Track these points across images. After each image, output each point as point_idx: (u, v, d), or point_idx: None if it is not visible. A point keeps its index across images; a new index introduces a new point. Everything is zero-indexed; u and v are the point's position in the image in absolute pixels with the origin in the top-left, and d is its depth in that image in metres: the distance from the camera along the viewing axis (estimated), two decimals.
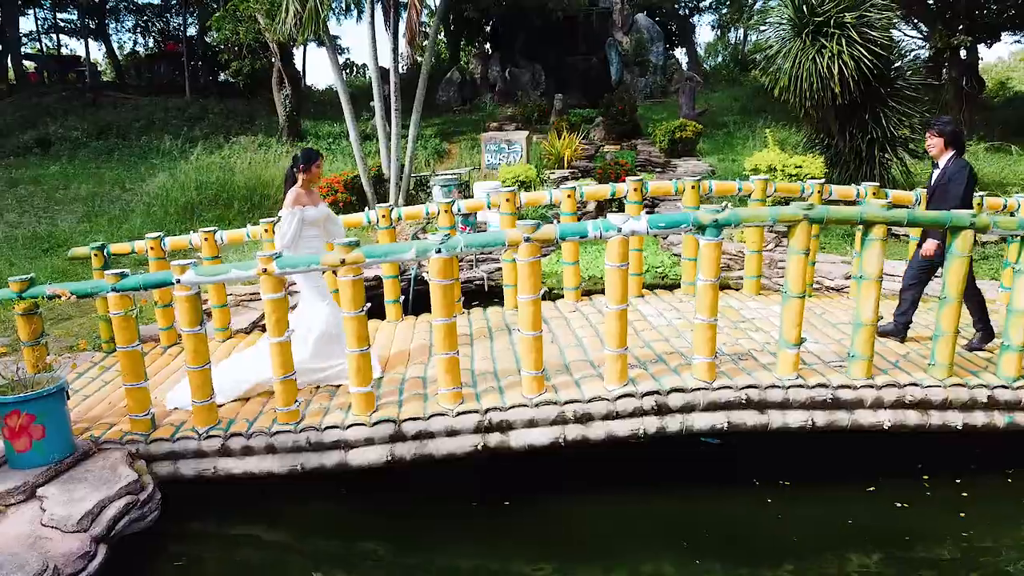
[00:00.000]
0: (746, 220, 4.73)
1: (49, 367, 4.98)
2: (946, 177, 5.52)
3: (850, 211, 4.82)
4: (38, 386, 4.62)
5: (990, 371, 5.19)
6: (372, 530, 4.78)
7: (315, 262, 4.86)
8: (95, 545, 4.13)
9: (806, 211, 4.67)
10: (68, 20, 29.00)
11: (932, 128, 5.67)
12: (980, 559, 4.38)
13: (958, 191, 5.34)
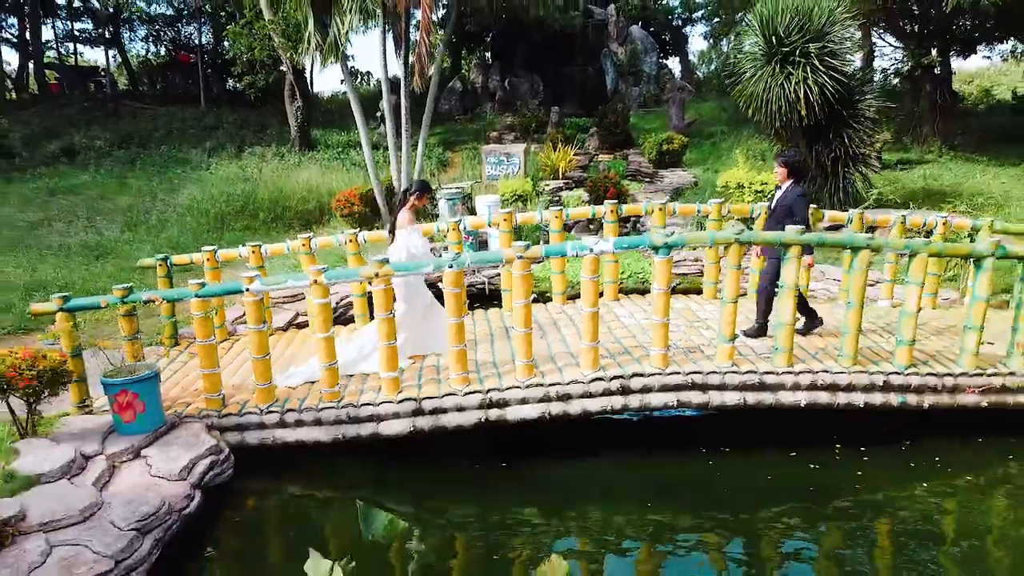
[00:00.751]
0: (691, 242, 6.11)
1: (144, 357, 6.36)
2: (786, 200, 6.82)
3: (771, 235, 6.19)
4: (139, 371, 6.00)
5: (888, 361, 6.56)
6: (399, 487, 6.15)
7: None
8: (193, 490, 5.51)
9: (737, 235, 6.04)
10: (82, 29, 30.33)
11: (778, 158, 6.99)
12: (871, 508, 5.75)
13: (797, 212, 6.65)
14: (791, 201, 6.77)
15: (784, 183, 6.90)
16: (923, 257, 6.25)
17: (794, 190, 6.82)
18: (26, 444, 5.71)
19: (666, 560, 5.21)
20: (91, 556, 4.60)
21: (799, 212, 6.67)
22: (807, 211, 6.80)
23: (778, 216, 6.83)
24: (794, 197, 6.77)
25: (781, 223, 6.62)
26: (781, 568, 5.12)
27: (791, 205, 6.74)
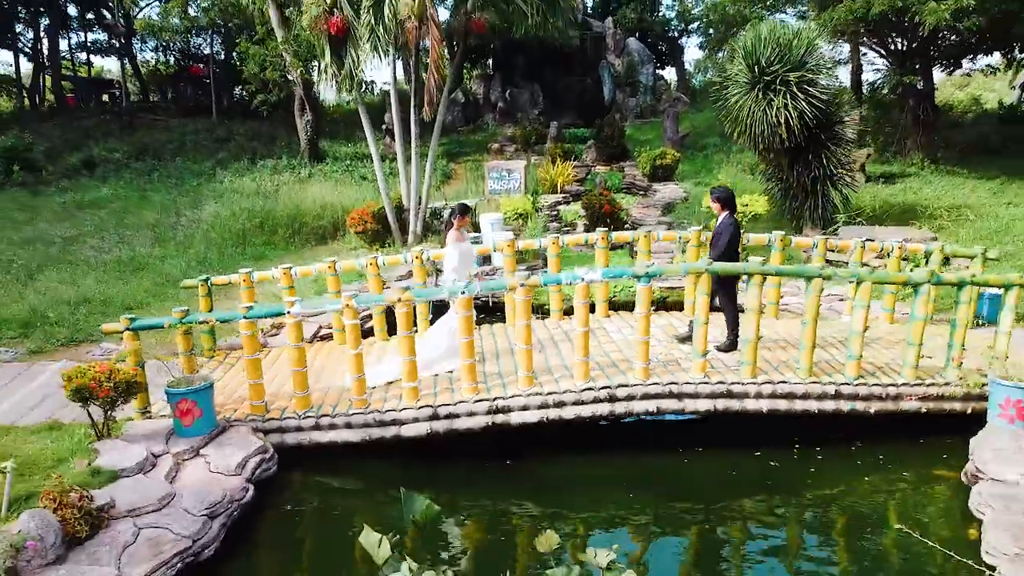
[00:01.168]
0: (666, 272, 7.18)
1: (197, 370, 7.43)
2: (720, 228, 7.94)
3: (736, 266, 7.26)
4: (197, 383, 7.07)
5: (840, 372, 7.63)
6: (417, 482, 7.21)
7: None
8: (247, 483, 6.59)
9: (707, 266, 7.12)
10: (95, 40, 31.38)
11: (711, 194, 8.16)
12: (824, 499, 6.83)
13: (725, 241, 7.78)
14: (722, 229, 7.97)
15: (720, 214, 8.04)
16: (867, 284, 7.32)
17: (725, 220, 8.00)
18: (104, 445, 6.79)
19: (645, 539, 6.28)
20: (172, 536, 5.67)
21: (732, 241, 7.85)
22: (737, 239, 8.00)
23: (713, 243, 8.05)
24: (724, 226, 7.95)
25: (715, 251, 7.89)
26: (743, 547, 6.20)
27: (721, 234, 7.93)
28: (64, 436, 7.13)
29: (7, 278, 12.18)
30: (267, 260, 13.48)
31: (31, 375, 8.99)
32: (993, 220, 15.86)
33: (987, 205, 17.42)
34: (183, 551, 5.58)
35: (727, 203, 8.01)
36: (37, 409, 8.02)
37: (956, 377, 7.59)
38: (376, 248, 13.69)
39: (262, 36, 20.12)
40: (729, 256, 7.73)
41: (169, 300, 11.32)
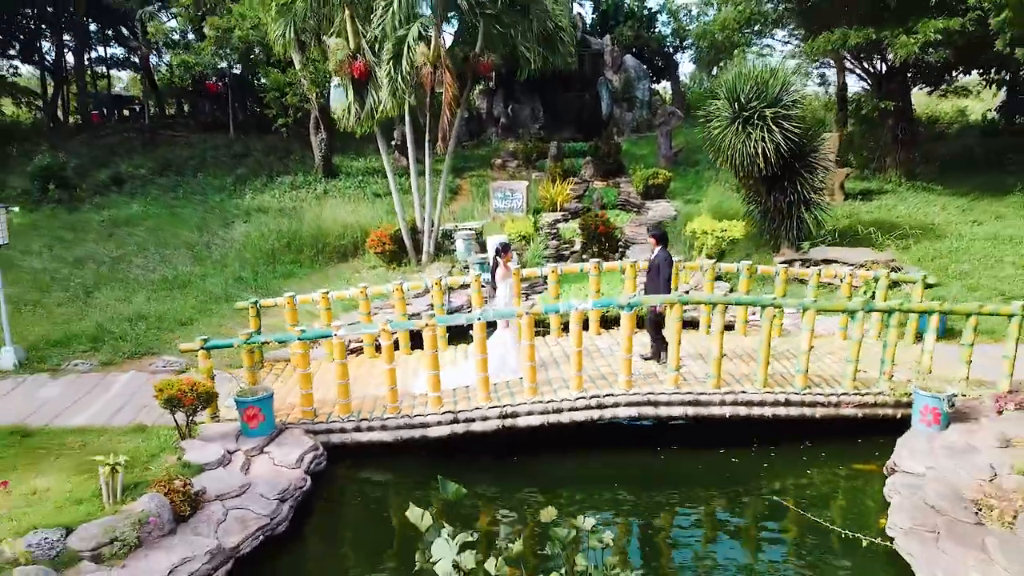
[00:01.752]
0: (644, 302, 8.82)
1: (259, 381, 9.08)
2: (655, 261, 9.59)
3: (703, 296, 8.90)
4: (260, 393, 8.71)
5: (790, 383, 9.28)
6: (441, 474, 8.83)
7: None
8: (305, 475, 8.23)
9: (679, 297, 8.76)
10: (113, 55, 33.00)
11: (648, 232, 9.90)
12: (775, 489, 8.46)
13: (662, 275, 9.44)
14: (658, 262, 9.67)
15: (655, 248, 9.74)
16: (811, 312, 8.96)
17: (660, 254, 9.71)
18: (188, 444, 8.44)
19: (627, 521, 7.93)
20: (253, 515, 7.32)
21: (663, 271, 9.55)
22: (669, 270, 9.68)
23: (650, 273, 9.72)
24: (660, 259, 9.67)
25: (651, 282, 9.63)
26: (705, 527, 7.85)
27: (658, 265, 9.62)
28: (151, 436, 8.77)
29: (67, 296, 13.82)
30: (295, 278, 15.12)
31: (107, 384, 10.62)
32: (956, 239, 17.42)
33: (954, 223, 19.02)
34: (263, 527, 7.24)
35: (661, 240, 9.80)
36: (120, 413, 9.65)
37: (887, 388, 9.24)
38: (393, 267, 15.32)
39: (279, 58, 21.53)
40: (665, 286, 9.42)
41: (214, 316, 12.96)
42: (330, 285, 14.34)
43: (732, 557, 7.28)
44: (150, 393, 10.05)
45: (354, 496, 8.53)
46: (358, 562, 7.32)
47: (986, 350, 10.06)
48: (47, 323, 12.51)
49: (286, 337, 9.19)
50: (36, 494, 7.40)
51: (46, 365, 11.15)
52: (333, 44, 13.99)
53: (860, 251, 15.15)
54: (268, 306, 11.07)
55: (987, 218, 19.59)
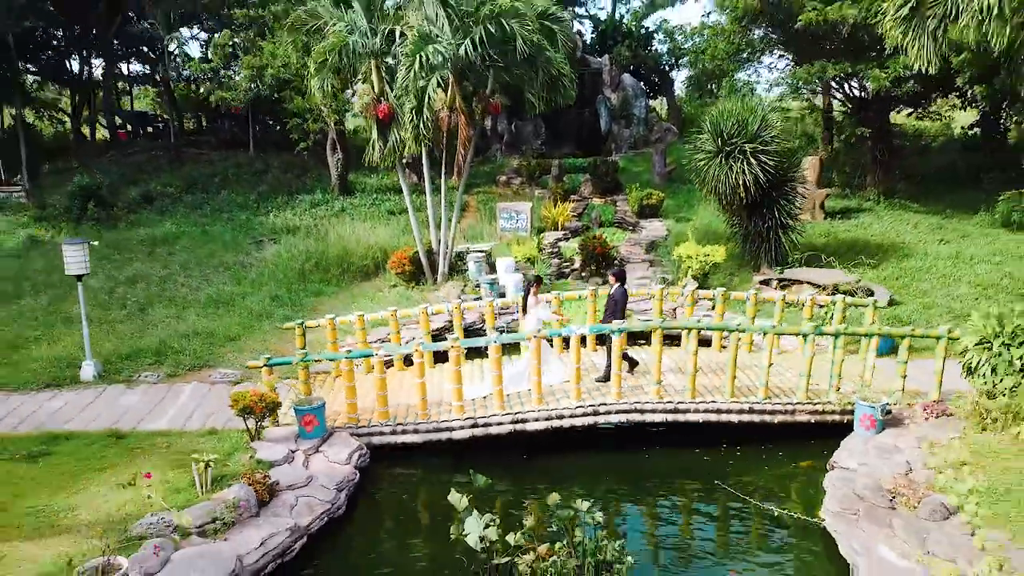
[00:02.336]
0: (628, 328, 10.80)
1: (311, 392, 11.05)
2: (614, 296, 11.54)
3: (680, 322, 10.86)
4: (314, 402, 10.68)
5: (754, 394, 11.25)
6: (463, 469, 10.79)
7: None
8: (354, 469, 10.20)
9: (660, 323, 10.73)
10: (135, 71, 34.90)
11: (610, 272, 11.87)
12: (740, 483, 10.43)
13: (618, 307, 11.40)
14: (617, 297, 11.63)
15: (614, 285, 11.74)
16: (772, 335, 10.93)
17: (618, 290, 11.67)
18: (257, 445, 10.40)
19: (617, 505, 9.90)
20: (317, 501, 9.28)
21: (620, 303, 11.53)
22: (624, 302, 11.68)
23: (609, 306, 11.69)
24: (618, 295, 11.63)
25: (609, 311, 11.57)
26: (682, 512, 9.83)
27: (616, 300, 11.58)
28: (223, 438, 10.72)
29: (126, 313, 15.77)
30: (325, 296, 17.08)
31: (175, 393, 12.59)
32: (921, 258, 19.34)
33: (922, 242, 20.95)
34: (326, 510, 9.21)
35: (619, 278, 11.86)
36: (192, 419, 11.62)
37: (835, 398, 11.21)
38: (411, 286, 17.27)
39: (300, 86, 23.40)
40: (620, 315, 11.45)
41: (257, 332, 14.93)
42: (356, 303, 16.32)
43: (701, 534, 9.28)
44: (214, 401, 12.14)
45: (392, 487, 10.51)
46: (399, 537, 9.32)
47: (925, 365, 12.01)
48: (114, 338, 14.46)
49: (335, 356, 11.17)
50: (136, 484, 9.37)
51: (120, 377, 13.12)
52: (360, 89, 15.98)
53: (830, 272, 17.10)
54: (312, 327, 13.00)
55: (954, 237, 21.50)
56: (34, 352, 13.94)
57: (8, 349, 14.07)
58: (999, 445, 9.85)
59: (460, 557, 8.27)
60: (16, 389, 12.67)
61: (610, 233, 22.11)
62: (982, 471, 9.31)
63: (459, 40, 14.95)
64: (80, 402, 12.14)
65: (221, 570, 7.67)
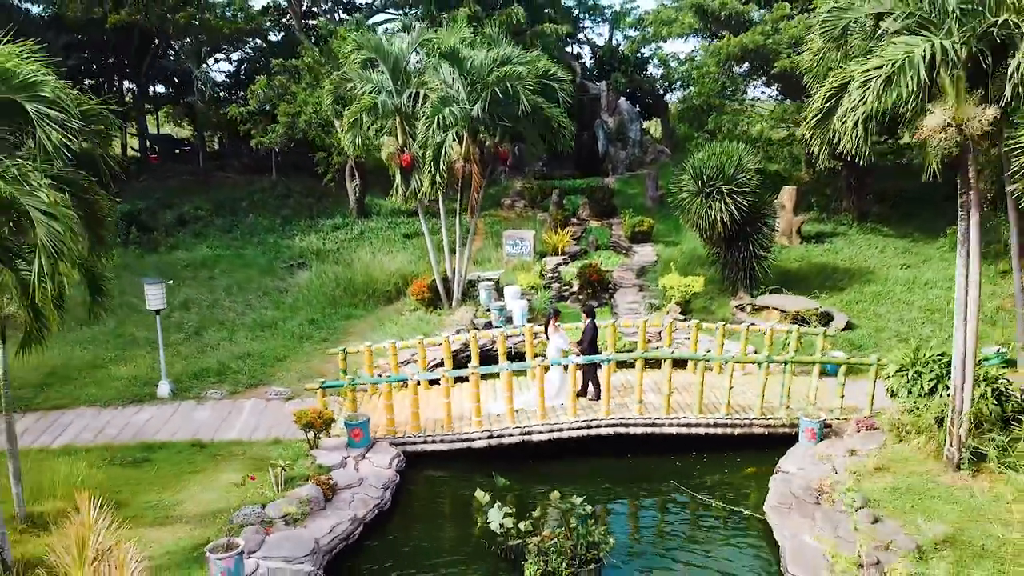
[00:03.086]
0: (615, 357, 13.49)
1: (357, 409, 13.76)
2: (586, 329, 14.20)
3: (658, 353, 13.54)
4: (360, 418, 13.38)
5: (718, 410, 13.94)
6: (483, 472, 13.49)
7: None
8: (395, 473, 12.91)
9: (643, 354, 13.42)
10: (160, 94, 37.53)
11: (582, 308, 14.53)
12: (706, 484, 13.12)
13: (588, 338, 14.04)
14: (587, 330, 14.30)
15: (585, 320, 14.43)
16: (731, 363, 13.62)
17: (589, 324, 14.34)
18: (316, 452, 13.10)
19: (606, 499, 12.61)
20: (369, 498, 11.99)
21: (588, 336, 14.20)
22: (594, 333, 14.29)
23: (583, 337, 14.33)
24: (588, 328, 14.32)
25: (581, 343, 14.20)
26: (658, 507, 12.55)
27: (586, 332, 14.25)
28: (287, 447, 13.41)
29: (184, 336, 18.46)
30: (354, 319, 19.77)
31: (238, 409, 15.28)
32: (881, 283, 22.00)
33: (886, 267, 23.60)
34: (376, 505, 11.91)
35: (589, 314, 14.57)
36: (257, 431, 14.31)
37: (785, 414, 13.91)
38: (429, 310, 19.94)
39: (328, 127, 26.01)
40: (593, 348, 14.08)
41: (300, 354, 17.61)
42: (382, 327, 19.02)
43: (669, 523, 12.02)
44: (272, 415, 14.84)
45: (426, 486, 13.23)
46: (433, 525, 12.08)
47: (863, 385, 14.65)
48: (179, 360, 17.15)
49: (375, 380, 13.89)
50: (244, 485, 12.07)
51: (190, 394, 15.81)
52: (386, 140, 18.63)
53: (795, 298, 19.76)
54: (352, 352, 15.65)
55: (916, 261, 24.15)
56: (113, 372, 16.62)
57: (91, 369, 16.74)
58: (909, 453, 12.56)
59: (483, 540, 11.02)
60: (105, 405, 15.35)
61: (605, 257, 24.83)
62: (892, 474, 12.03)
63: (473, 100, 17.64)
64: (162, 416, 14.84)
65: (304, 549, 10.38)
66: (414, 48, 18.21)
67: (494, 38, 18.90)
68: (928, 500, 11.18)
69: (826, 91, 10.78)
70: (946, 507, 10.94)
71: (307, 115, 24.54)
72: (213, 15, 31.03)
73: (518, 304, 19.24)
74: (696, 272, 21.79)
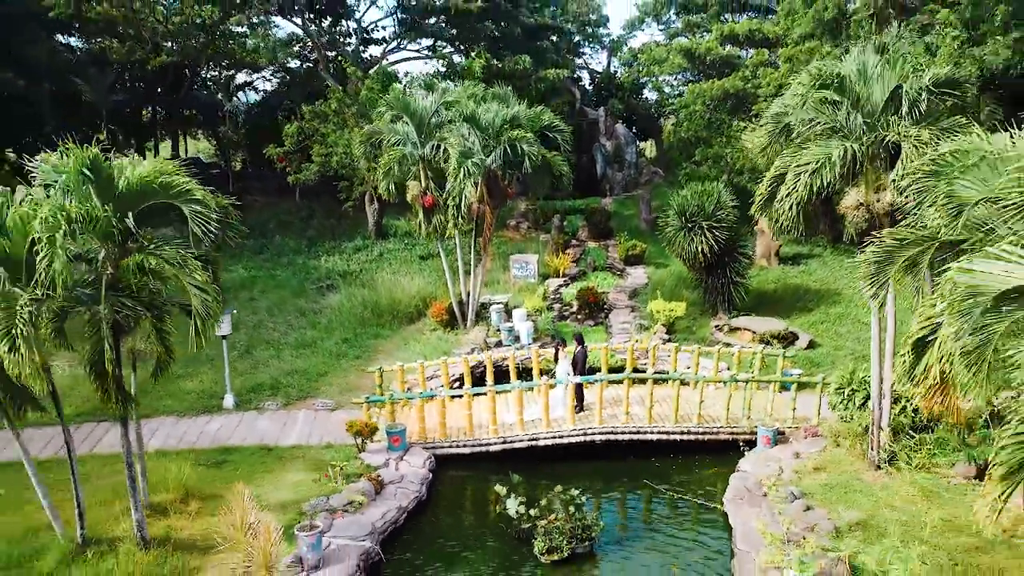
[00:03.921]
0: (607, 376, 16.84)
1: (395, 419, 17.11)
2: (577, 354, 17.59)
3: (642, 375, 16.87)
4: (399, 426, 16.71)
5: (690, 420, 17.27)
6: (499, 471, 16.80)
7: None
8: (428, 471, 16.25)
9: (627, 374, 16.74)
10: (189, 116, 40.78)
11: (572, 336, 17.96)
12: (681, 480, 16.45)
13: (576, 362, 17.50)
14: (576, 353, 17.62)
15: (577, 347, 17.74)
16: (702, 382, 16.96)
17: (579, 349, 17.75)
18: (364, 455, 16.43)
19: (599, 492, 15.95)
20: (409, 491, 15.34)
21: (579, 361, 17.54)
22: (584, 357, 17.72)
23: (576, 361, 17.63)
24: (578, 353, 17.72)
25: (575, 365, 17.47)
26: (642, 496, 15.92)
27: (576, 356, 17.57)
28: (338, 451, 16.73)
29: (236, 355, 21.74)
30: (382, 338, 23.08)
31: (293, 419, 18.60)
32: (845, 304, 25.31)
33: (852, 288, 26.78)
34: (415, 497, 15.26)
35: (580, 341, 17.98)
36: (311, 437, 17.63)
37: (746, 424, 17.24)
38: (447, 330, 23.24)
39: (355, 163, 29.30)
40: (583, 370, 17.41)
41: (339, 370, 20.91)
42: (408, 345, 22.34)
43: (649, 511, 15.39)
44: (322, 424, 18.14)
45: (453, 483, 16.57)
46: (460, 513, 15.45)
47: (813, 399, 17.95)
48: (236, 375, 20.42)
49: (410, 395, 17.22)
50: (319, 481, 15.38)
51: (251, 406, 19.12)
52: (411, 184, 21.96)
53: (766, 320, 23.08)
54: (388, 371, 18.93)
55: None
56: (183, 386, 19.93)
57: (164, 383, 19.94)
58: (842, 456, 15.90)
59: (500, 524, 14.37)
60: (181, 415, 18.67)
61: (602, 278, 28.13)
62: (827, 472, 15.38)
63: (487, 153, 20.97)
64: (230, 424, 18.16)
65: (364, 530, 13.70)
66: (436, 107, 21.50)
67: (502, 96, 22.21)
68: (851, 493, 14.51)
69: (768, 179, 14.09)
70: (863, 498, 14.27)
71: (338, 156, 27.87)
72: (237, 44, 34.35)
73: (524, 325, 22.55)
74: (682, 293, 25.20)
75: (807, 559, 11.82)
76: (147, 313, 11.87)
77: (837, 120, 13.17)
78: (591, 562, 13.67)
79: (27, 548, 12.80)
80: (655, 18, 38.84)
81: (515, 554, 13.88)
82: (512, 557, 13.82)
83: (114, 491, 14.21)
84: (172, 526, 13.51)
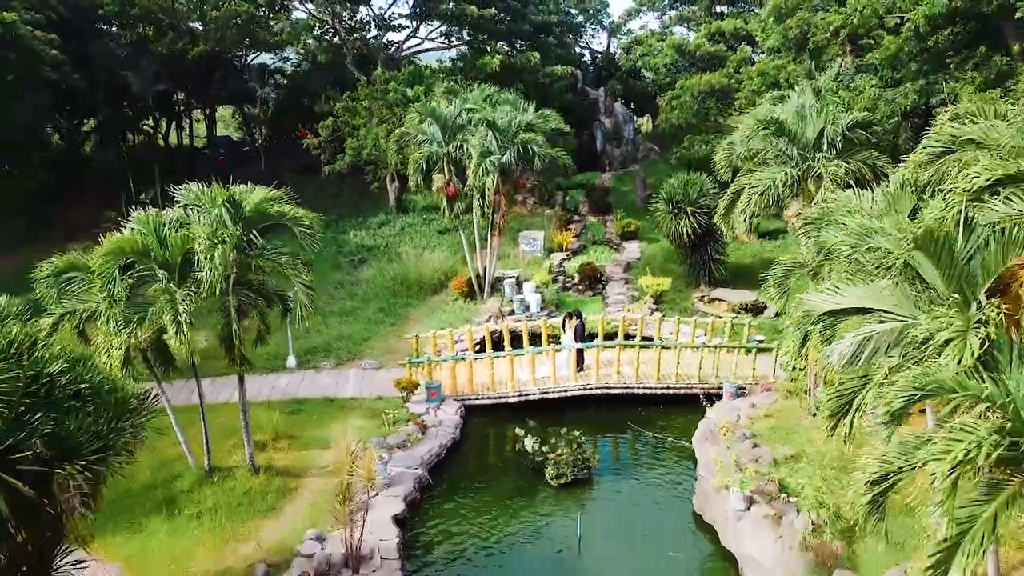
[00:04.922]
0: (603, 343, 21.35)
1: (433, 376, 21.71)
2: (577, 328, 22.09)
3: (631, 342, 21.36)
4: (436, 381, 21.30)
5: (671, 378, 21.87)
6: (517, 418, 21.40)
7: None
8: (460, 418, 20.90)
9: (619, 342, 21.25)
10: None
11: (572, 312, 22.50)
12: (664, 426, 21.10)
13: (577, 333, 22.03)
14: (577, 327, 22.13)
15: (575, 320, 22.22)
16: (679, 348, 21.49)
17: (579, 323, 22.22)
18: (409, 405, 21.06)
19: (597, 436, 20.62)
20: (447, 433, 20.03)
21: (578, 331, 22.06)
22: (583, 329, 22.21)
23: (576, 332, 22.13)
24: (578, 325, 22.19)
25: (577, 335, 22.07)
26: (631, 438, 20.61)
27: (576, 329, 22.08)
28: (388, 403, 21.32)
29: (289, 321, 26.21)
30: (412, 307, 27.55)
31: (345, 376, 23.16)
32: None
33: None
34: (451, 437, 19.99)
35: (578, 316, 22.41)
36: (363, 391, 22.21)
37: (715, 380, 21.82)
38: (467, 300, 27.69)
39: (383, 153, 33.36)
40: (582, 338, 21.88)
41: (378, 336, 25.41)
42: (434, 314, 26.84)
43: (635, 448, 20.10)
44: (370, 380, 22.73)
45: (480, 428, 21.23)
46: (486, 450, 20.16)
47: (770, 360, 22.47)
48: (294, 339, 24.93)
49: (444, 358, 21.76)
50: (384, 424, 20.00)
51: (309, 365, 23.68)
52: (436, 177, 26.23)
53: (739, 292, 27.55)
54: (424, 337, 23.38)
55: None
56: (250, 350, 24.40)
57: None
58: (788, 407, 20.51)
59: (519, 457, 19.06)
60: (252, 373, 23.19)
61: (600, 252, 32.49)
62: (775, 419, 20.02)
63: (503, 152, 25.19)
64: (295, 381, 22.74)
65: (416, 461, 18.39)
66: (458, 112, 25.62)
67: (513, 102, 26.32)
68: (791, 434, 19.13)
69: (729, 194, 18.39)
70: (799, 439, 18.89)
71: (368, 148, 31.97)
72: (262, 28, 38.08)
73: (534, 297, 27.01)
74: (670, 267, 29.63)
75: (746, 480, 16.47)
76: (260, 301, 16.32)
77: (780, 150, 17.45)
78: (589, 485, 18.41)
79: (167, 474, 17.47)
80: (650, 7, 42.39)
81: (530, 480, 18.59)
82: (529, 482, 18.53)
83: (223, 432, 18.81)
84: (271, 458, 18.15)
